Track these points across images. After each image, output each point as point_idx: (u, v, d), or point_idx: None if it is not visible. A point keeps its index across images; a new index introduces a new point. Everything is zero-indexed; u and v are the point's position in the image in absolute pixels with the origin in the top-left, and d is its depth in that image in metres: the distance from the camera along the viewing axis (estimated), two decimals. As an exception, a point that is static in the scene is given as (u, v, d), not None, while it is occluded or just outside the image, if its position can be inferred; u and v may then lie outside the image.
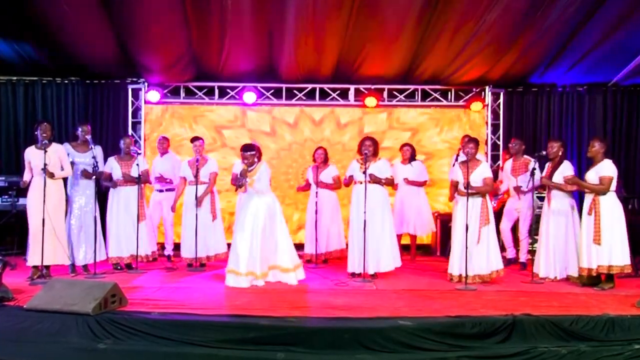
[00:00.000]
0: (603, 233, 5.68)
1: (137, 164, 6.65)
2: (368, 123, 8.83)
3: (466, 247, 5.83)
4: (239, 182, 5.99)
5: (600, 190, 5.76)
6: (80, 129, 6.51)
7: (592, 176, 5.83)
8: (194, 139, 7.08)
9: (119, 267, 6.71)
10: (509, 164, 7.26)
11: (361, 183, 6.23)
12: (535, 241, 6.65)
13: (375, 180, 6.25)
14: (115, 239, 6.70)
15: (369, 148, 6.26)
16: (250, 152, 6.06)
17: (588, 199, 5.87)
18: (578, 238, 6.01)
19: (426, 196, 7.96)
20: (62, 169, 6.19)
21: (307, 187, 7.59)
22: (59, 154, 6.16)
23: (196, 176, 6.73)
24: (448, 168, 7.89)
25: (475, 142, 6.26)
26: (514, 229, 7.29)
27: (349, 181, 6.53)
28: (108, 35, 7.19)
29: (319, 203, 7.25)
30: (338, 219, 7.50)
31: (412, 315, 4.58)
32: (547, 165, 6.36)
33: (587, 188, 5.84)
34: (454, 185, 6.25)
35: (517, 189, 6.93)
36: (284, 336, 4.28)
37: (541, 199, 6.91)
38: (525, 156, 7.16)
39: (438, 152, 8.84)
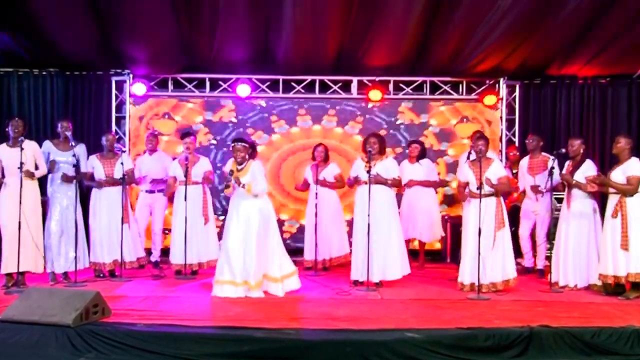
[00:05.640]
0: (631, 238, 5.70)
1: (122, 163, 6.64)
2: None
3: (479, 253, 5.83)
4: (226, 182, 5.90)
5: (629, 191, 5.77)
6: (59, 125, 6.50)
7: (618, 175, 5.83)
8: (184, 135, 7.08)
9: (101, 275, 6.70)
10: (525, 162, 7.23)
11: (366, 183, 6.23)
12: (553, 246, 6.64)
13: (379, 180, 6.25)
14: (97, 244, 6.68)
15: (373, 146, 6.25)
16: (243, 143, 5.98)
17: (612, 200, 5.87)
18: (600, 243, 6.01)
19: (436, 198, 7.93)
20: (37, 167, 6.18)
21: (305, 186, 7.56)
22: (33, 152, 6.15)
23: (186, 175, 6.71)
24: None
25: (486, 139, 6.30)
26: (532, 234, 7.28)
27: (354, 182, 6.52)
28: (90, 21, 7.18)
29: (319, 204, 7.23)
30: (340, 221, 7.48)
31: (421, 327, 4.58)
32: (568, 163, 6.37)
33: (614, 188, 5.84)
34: (463, 186, 6.25)
35: (535, 188, 6.92)
36: (281, 349, 4.29)
37: (559, 200, 6.89)
38: (543, 153, 7.13)
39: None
